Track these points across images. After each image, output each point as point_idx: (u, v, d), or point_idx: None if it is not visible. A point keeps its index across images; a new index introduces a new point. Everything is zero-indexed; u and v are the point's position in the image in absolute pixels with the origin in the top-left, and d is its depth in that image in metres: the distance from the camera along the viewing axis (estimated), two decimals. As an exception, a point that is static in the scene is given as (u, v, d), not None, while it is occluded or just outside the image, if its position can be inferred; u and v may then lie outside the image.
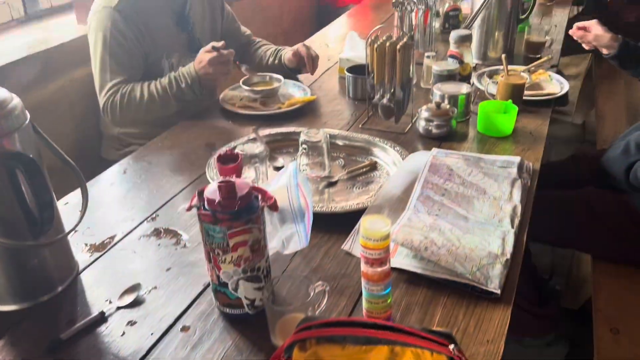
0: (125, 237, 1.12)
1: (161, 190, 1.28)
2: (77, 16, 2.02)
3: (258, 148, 1.24)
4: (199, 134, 1.56)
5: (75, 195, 1.22)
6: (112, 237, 1.11)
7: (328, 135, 1.30)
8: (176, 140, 1.52)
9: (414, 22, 1.83)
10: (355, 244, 1.04)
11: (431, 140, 1.44)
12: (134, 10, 1.63)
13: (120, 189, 1.30)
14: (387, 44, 1.38)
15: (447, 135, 1.44)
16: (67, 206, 1.21)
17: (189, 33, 1.79)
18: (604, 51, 1.82)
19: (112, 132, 1.80)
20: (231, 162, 1.01)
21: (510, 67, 1.67)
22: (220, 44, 1.60)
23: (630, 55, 1.79)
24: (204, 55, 1.59)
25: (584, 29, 1.85)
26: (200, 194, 0.83)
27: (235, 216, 0.79)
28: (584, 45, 1.89)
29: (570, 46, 2.13)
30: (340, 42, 2.18)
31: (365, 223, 0.79)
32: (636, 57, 1.79)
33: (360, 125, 1.56)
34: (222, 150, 1.36)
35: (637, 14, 2.81)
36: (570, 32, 1.91)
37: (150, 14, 1.67)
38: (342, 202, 1.20)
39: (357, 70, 1.70)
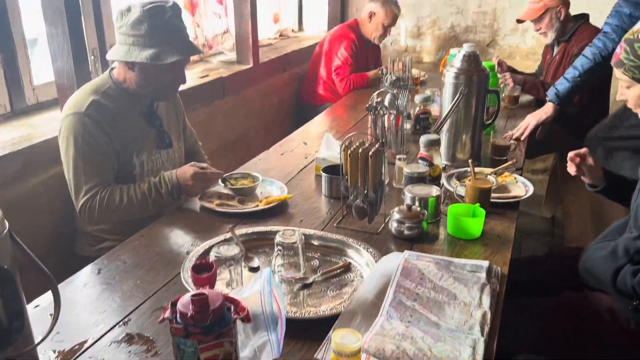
0: (96, 343, 1.10)
1: (134, 292, 1.27)
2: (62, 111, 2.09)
3: (233, 250, 1.26)
4: (177, 232, 1.58)
5: (46, 298, 1.21)
6: (82, 343, 1.09)
7: (303, 237, 1.33)
8: (153, 238, 1.54)
9: (386, 125, 1.93)
10: (327, 353, 1.04)
11: (403, 241, 1.48)
12: (103, 114, 1.69)
13: (94, 291, 1.29)
14: (360, 150, 1.46)
15: (419, 236, 1.49)
16: (38, 309, 1.19)
17: (158, 128, 1.86)
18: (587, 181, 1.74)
19: (86, 229, 1.81)
20: (205, 272, 1.03)
21: (477, 169, 1.76)
22: (205, 165, 1.71)
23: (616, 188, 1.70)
24: (189, 171, 1.67)
25: (582, 157, 1.70)
26: (174, 305, 0.84)
27: (207, 330, 0.80)
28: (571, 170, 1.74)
29: (534, 149, 2.24)
30: (318, 140, 2.28)
31: (336, 338, 0.80)
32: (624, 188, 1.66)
33: (335, 224, 1.60)
34: (197, 252, 1.38)
35: None
36: (570, 161, 1.72)
37: (119, 114, 1.74)
38: (316, 306, 1.21)
39: (333, 169, 1.77)
